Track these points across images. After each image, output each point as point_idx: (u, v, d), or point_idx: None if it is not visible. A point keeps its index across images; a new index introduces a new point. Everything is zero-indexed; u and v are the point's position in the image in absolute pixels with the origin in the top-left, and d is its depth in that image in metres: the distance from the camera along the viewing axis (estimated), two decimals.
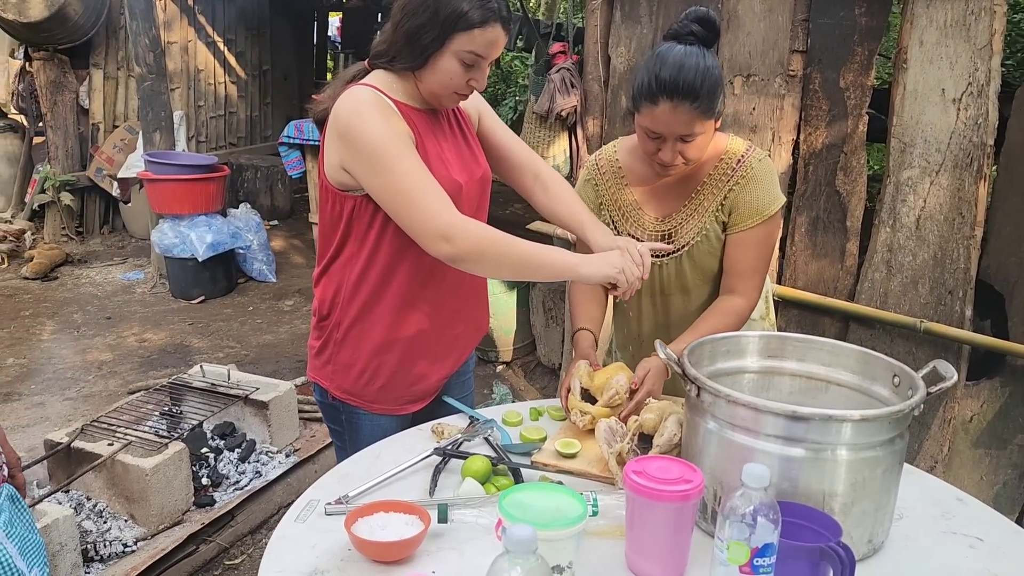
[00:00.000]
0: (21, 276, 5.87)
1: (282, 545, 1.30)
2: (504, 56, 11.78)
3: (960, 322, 2.73)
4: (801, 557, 1.10)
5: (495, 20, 1.55)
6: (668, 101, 1.60)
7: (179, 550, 2.71)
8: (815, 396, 1.52)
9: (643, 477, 1.19)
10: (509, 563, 0.93)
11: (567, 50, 3.80)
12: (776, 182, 1.78)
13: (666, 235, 1.83)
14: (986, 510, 1.47)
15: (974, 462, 2.85)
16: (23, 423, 3.77)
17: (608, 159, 1.92)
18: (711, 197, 1.78)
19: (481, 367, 4.64)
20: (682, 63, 1.59)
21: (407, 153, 1.54)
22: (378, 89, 1.59)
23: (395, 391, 1.77)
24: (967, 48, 2.58)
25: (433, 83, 1.59)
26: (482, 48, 1.56)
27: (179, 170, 5.45)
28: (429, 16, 1.53)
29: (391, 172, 1.52)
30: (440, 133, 1.69)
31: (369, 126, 1.53)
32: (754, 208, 1.75)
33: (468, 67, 1.57)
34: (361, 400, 1.77)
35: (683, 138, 1.65)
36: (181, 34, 6.92)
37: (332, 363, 1.77)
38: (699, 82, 1.59)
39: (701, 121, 1.63)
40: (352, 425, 1.80)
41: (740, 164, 1.76)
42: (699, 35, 1.64)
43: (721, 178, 1.77)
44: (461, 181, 1.66)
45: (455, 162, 1.68)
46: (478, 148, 1.80)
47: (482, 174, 1.76)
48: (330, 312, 1.74)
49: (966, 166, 2.64)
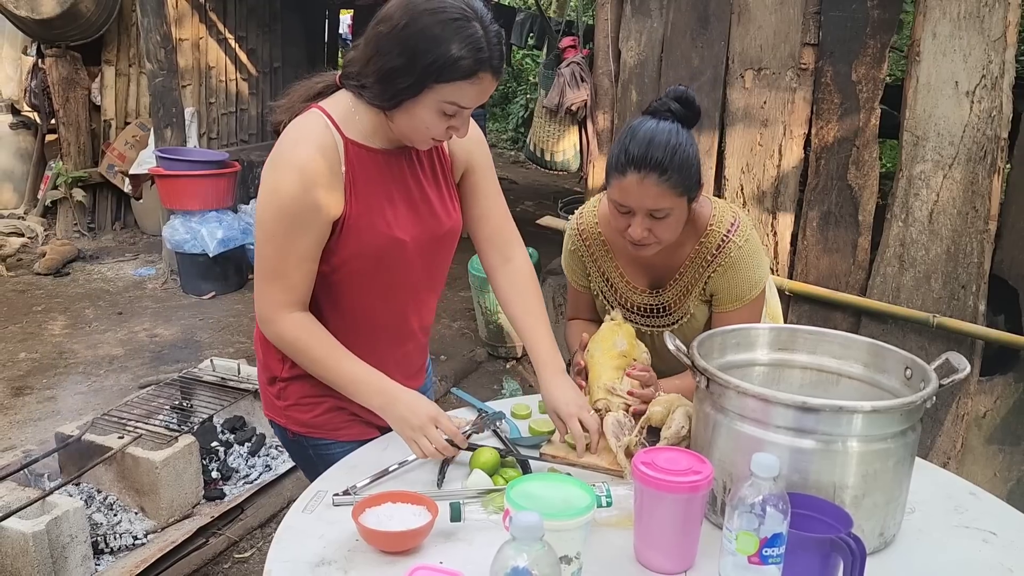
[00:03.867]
0: (33, 272, 5.90)
1: (290, 535, 1.30)
2: (515, 54, 11.78)
3: (973, 317, 2.70)
4: (811, 548, 1.09)
5: (485, 70, 1.35)
6: (636, 173, 1.53)
7: (189, 543, 2.72)
8: (826, 389, 1.51)
9: (652, 468, 1.18)
10: (515, 550, 0.92)
11: (577, 44, 3.79)
12: (759, 263, 1.72)
13: (657, 309, 1.79)
14: (1000, 504, 1.46)
15: (987, 458, 2.83)
16: (35, 416, 3.79)
17: (590, 230, 1.82)
18: (694, 281, 1.73)
19: (491, 363, 4.63)
20: (652, 136, 1.54)
21: (288, 235, 1.41)
22: (333, 122, 1.43)
23: (358, 413, 1.60)
24: (981, 40, 2.56)
25: (405, 127, 1.42)
26: (467, 100, 1.38)
27: (190, 166, 5.47)
28: (405, 62, 1.33)
29: (261, 238, 1.45)
30: (396, 178, 1.50)
31: (274, 182, 1.41)
32: (734, 295, 1.71)
33: (449, 116, 1.39)
34: (324, 431, 1.63)
35: (653, 214, 1.57)
36: (192, 31, 6.93)
37: (282, 398, 1.63)
38: (668, 156, 1.52)
39: (671, 196, 1.55)
40: (323, 458, 1.61)
41: (720, 250, 1.68)
42: (677, 113, 1.57)
43: (702, 263, 1.71)
44: (405, 238, 1.49)
45: (407, 215, 1.51)
46: (452, 198, 1.60)
47: (447, 230, 1.58)
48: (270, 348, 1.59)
49: (979, 159, 2.61)
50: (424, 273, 1.60)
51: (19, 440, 3.53)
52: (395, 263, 1.52)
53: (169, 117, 5.80)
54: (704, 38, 3.09)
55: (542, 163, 3.96)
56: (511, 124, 11.83)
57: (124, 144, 6.68)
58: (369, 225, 1.46)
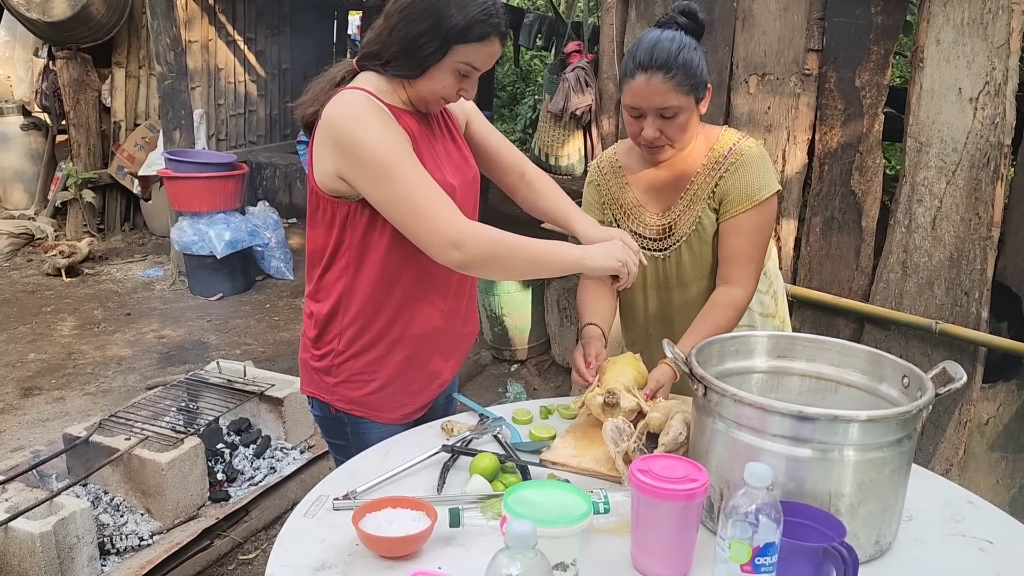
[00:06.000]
0: (43, 272, 5.95)
1: (291, 539, 1.32)
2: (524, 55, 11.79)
3: (976, 324, 2.70)
4: (804, 557, 1.10)
5: (495, 35, 1.53)
6: (643, 74, 1.66)
7: (194, 544, 2.74)
8: (824, 396, 1.51)
9: (648, 476, 1.19)
10: (509, 558, 0.93)
11: (582, 49, 3.80)
12: (768, 169, 1.78)
13: (666, 228, 1.84)
14: (997, 513, 1.46)
15: (990, 465, 2.82)
16: (43, 417, 3.82)
17: (608, 160, 1.96)
18: (704, 186, 1.80)
19: (496, 366, 4.65)
20: (657, 41, 1.66)
21: (410, 162, 1.50)
22: (371, 93, 1.54)
23: (405, 393, 1.71)
24: (984, 47, 2.56)
25: (425, 90, 1.56)
26: (479, 61, 1.55)
27: (199, 168, 5.51)
28: (430, 25, 1.49)
29: (395, 182, 1.48)
30: (432, 136, 1.66)
31: (371, 135, 1.49)
32: (744, 193, 1.75)
33: (462, 77, 1.56)
34: (367, 410, 1.71)
35: (662, 114, 1.68)
36: (202, 33, 6.98)
37: (332, 375, 1.70)
38: (672, 56, 1.64)
39: (677, 94, 1.66)
40: (359, 437, 1.72)
41: (731, 152, 1.78)
42: (683, 25, 1.70)
43: (713, 167, 1.79)
44: (455, 183, 1.63)
45: (448, 165, 1.66)
46: (467, 149, 1.77)
47: (473, 175, 1.74)
48: (328, 325, 1.68)
49: (983, 166, 2.61)
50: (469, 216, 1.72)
51: (28, 440, 3.57)
52: None
53: (178, 119, 5.84)
54: (709, 43, 3.10)
55: (547, 167, 3.97)
56: (519, 125, 11.83)
57: (133, 146, 6.72)
58: (433, 173, 1.56)
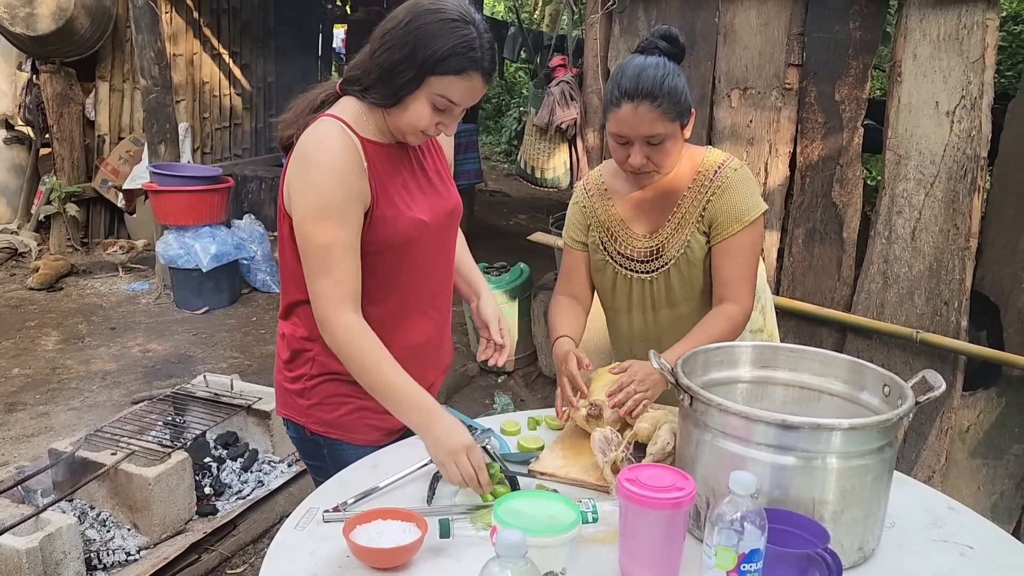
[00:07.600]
0: (26, 287, 5.90)
1: (281, 552, 1.33)
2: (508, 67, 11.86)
3: (956, 332, 2.75)
4: (789, 563, 1.12)
5: (475, 70, 1.48)
6: (629, 103, 1.66)
7: (181, 559, 2.73)
8: (807, 405, 1.54)
9: (636, 485, 1.21)
10: (499, 568, 0.95)
11: (567, 63, 3.84)
12: (754, 190, 1.81)
13: (654, 251, 1.86)
14: (977, 518, 1.49)
15: (971, 472, 2.87)
16: (28, 433, 3.79)
17: (594, 181, 1.96)
18: (692, 209, 1.81)
19: (483, 377, 4.66)
20: (642, 69, 1.67)
21: (337, 224, 1.49)
22: (346, 124, 1.52)
23: (380, 415, 1.63)
24: (960, 61, 2.61)
25: (401, 121, 1.53)
26: (457, 96, 1.50)
27: (184, 182, 5.50)
28: (407, 53, 1.45)
29: (313, 237, 1.49)
30: (407, 169, 1.63)
31: (320, 180, 1.48)
32: (733, 215, 1.78)
33: (439, 111, 1.51)
34: (342, 432, 1.68)
35: (649, 141, 1.69)
36: (187, 46, 6.98)
37: (306, 397, 1.68)
38: (658, 84, 1.65)
39: (664, 122, 1.67)
40: (336, 458, 1.68)
41: (717, 175, 1.79)
42: (664, 50, 1.71)
43: (700, 190, 1.81)
44: (425, 219, 1.61)
45: (420, 199, 1.63)
46: (448, 179, 1.74)
47: (451, 208, 1.71)
48: (299, 348, 1.66)
49: (960, 178, 2.67)
50: (445, 249, 1.74)
51: (12, 456, 3.54)
52: (420, 242, 1.63)
53: (163, 132, 5.83)
54: (691, 58, 3.14)
55: (532, 180, 3.99)
56: (504, 137, 11.89)
57: (118, 159, 6.70)
58: (394, 213, 1.56)
